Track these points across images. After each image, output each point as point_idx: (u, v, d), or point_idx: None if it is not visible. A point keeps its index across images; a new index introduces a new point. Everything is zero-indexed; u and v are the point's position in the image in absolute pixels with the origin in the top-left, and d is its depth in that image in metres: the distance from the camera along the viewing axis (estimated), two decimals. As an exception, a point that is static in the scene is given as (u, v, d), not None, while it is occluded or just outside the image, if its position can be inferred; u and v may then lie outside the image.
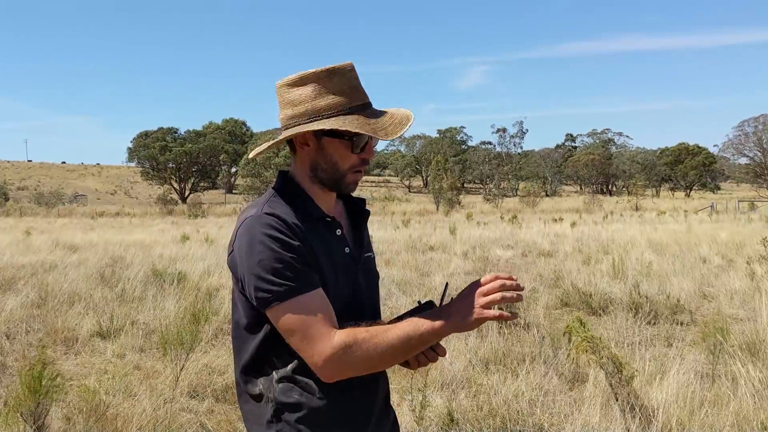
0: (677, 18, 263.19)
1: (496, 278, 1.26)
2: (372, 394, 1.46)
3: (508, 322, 5.82)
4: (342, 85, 1.38)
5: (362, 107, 1.40)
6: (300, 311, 1.28)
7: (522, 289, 1.26)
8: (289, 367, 1.35)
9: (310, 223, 1.39)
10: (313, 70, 1.39)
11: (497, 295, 1.24)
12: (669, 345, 5.53)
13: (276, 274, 1.28)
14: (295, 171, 1.46)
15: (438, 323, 1.27)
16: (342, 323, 1.32)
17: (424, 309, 1.38)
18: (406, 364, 1.48)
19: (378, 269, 1.62)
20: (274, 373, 1.37)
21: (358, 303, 1.43)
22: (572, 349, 3.92)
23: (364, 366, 1.29)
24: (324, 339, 1.27)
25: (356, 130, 1.34)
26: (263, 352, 1.38)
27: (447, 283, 1.57)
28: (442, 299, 1.42)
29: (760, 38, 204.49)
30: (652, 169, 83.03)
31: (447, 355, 5.05)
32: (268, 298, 1.28)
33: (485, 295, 1.25)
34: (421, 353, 1.41)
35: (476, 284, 1.28)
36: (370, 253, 1.56)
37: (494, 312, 1.24)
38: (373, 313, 1.49)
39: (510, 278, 1.26)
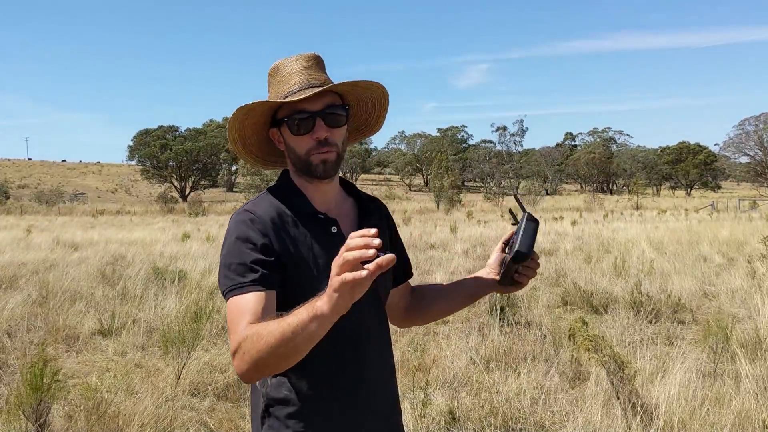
0: (678, 16, 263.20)
1: (350, 244, 1.05)
2: (372, 397, 1.41)
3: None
4: (283, 76, 1.41)
5: (303, 89, 1.38)
6: (236, 308, 1.26)
7: (378, 244, 1.03)
8: None
9: (299, 220, 1.39)
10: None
11: (355, 254, 1.03)
12: (670, 343, 5.54)
13: (232, 269, 1.30)
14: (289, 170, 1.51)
15: (311, 307, 1.10)
16: None
17: (530, 222, 1.45)
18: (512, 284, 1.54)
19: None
20: None
21: None
22: (575, 348, 3.92)
23: (261, 362, 1.16)
24: (234, 336, 1.23)
25: (256, 101, 1.37)
26: None
27: (516, 193, 1.62)
28: (523, 208, 1.53)
29: (762, 37, 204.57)
30: (652, 167, 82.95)
31: (448, 353, 4.98)
32: (223, 291, 1.32)
33: (340, 262, 1.05)
34: (516, 273, 1.49)
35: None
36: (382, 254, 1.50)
37: (350, 275, 1.03)
38: (372, 315, 1.43)
39: (367, 236, 1.05)
